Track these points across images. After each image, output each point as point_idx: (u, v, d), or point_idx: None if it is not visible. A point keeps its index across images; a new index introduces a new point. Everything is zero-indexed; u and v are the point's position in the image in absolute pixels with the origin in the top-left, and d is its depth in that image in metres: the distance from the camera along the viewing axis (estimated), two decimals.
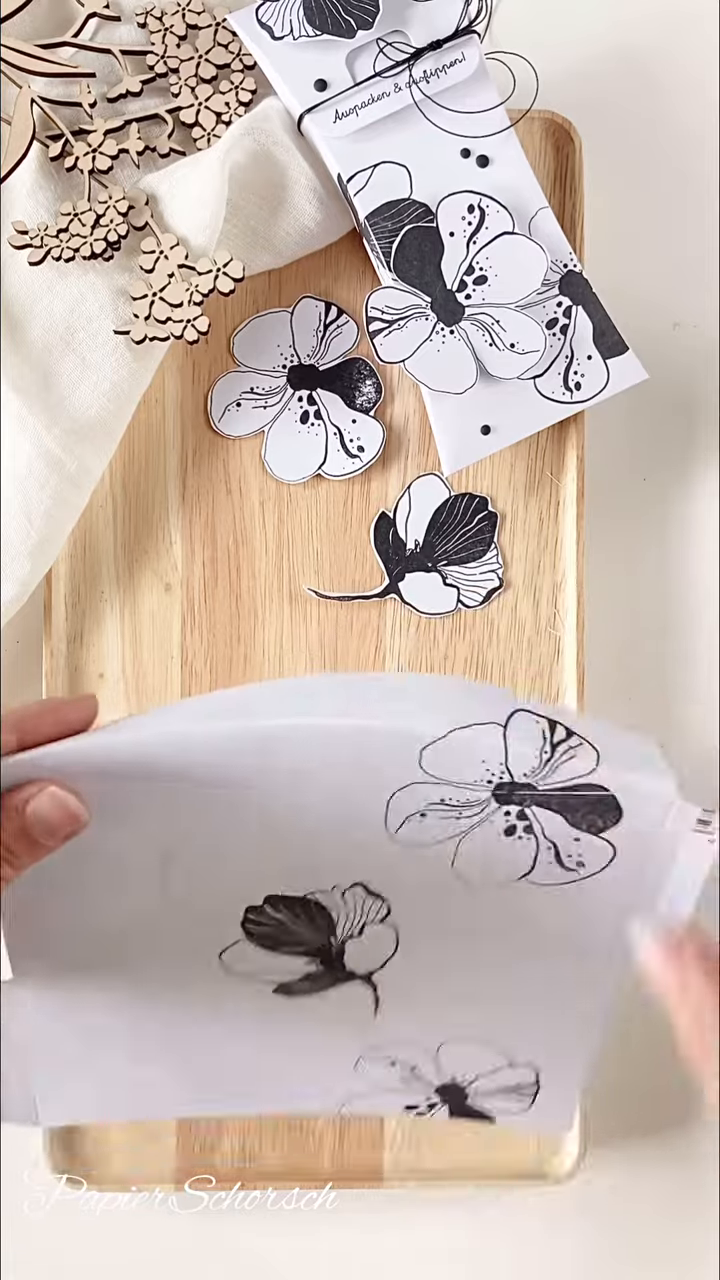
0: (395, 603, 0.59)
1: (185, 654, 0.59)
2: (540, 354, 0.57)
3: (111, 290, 0.56)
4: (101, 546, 0.59)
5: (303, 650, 0.59)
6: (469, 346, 0.56)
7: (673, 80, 0.64)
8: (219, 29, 0.57)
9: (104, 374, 0.56)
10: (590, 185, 0.61)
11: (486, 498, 0.60)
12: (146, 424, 0.59)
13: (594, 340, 0.57)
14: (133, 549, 0.59)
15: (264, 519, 0.59)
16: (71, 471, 0.56)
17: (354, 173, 0.56)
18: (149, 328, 0.55)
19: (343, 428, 0.59)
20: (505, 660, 0.60)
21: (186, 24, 0.57)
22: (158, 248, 0.55)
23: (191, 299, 0.55)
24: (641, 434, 0.63)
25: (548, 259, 0.57)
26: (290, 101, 0.56)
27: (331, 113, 0.56)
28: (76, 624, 0.59)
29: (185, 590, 0.59)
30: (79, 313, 0.56)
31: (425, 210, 0.56)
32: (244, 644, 0.59)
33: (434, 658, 0.59)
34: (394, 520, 0.60)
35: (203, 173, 0.55)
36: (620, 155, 0.63)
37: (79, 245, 0.55)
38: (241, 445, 0.59)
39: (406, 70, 0.56)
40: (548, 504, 0.60)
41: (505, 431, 0.57)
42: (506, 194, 0.56)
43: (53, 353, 0.56)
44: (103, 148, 0.56)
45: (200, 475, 0.59)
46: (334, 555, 0.60)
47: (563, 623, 0.60)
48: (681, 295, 0.64)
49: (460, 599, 0.60)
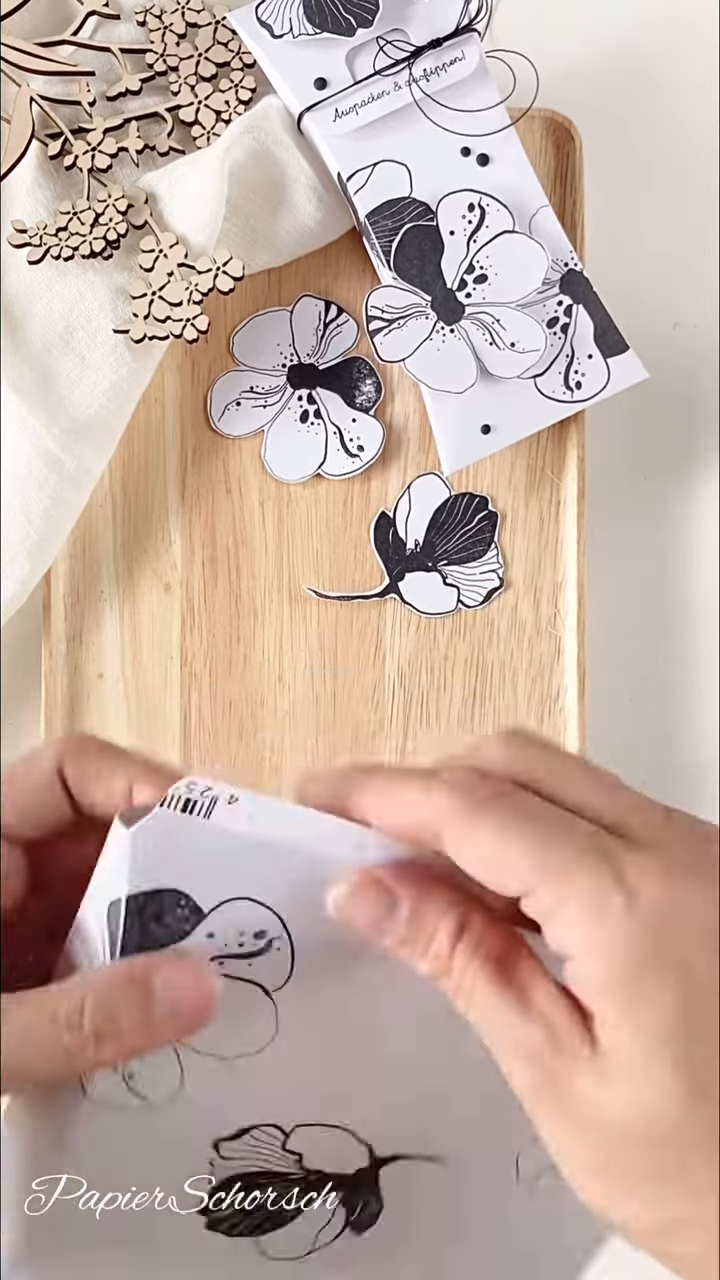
0: (395, 603, 0.59)
1: (185, 654, 0.59)
2: (540, 353, 0.56)
3: (111, 289, 0.56)
4: (101, 546, 0.59)
5: (303, 650, 0.59)
6: (469, 345, 0.56)
7: (673, 80, 0.64)
8: (218, 27, 0.57)
9: (103, 373, 0.56)
10: (591, 184, 0.60)
11: (486, 497, 0.60)
12: (146, 424, 0.59)
13: (594, 339, 0.57)
14: (132, 549, 0.59)
15: (264, 519, 0.59)
16: (71, 471, 0.55)
17: (354, 171, 0.56)
18: (148, 327, 0.55)
19: (343, 427, 0.59)
20: (505, 660, 0.59)
21: (186, 22, 0.57)
22: (157, 246, 0.55)
23: (191, 298, 0.55)
24: (641, 434, 0.63)
25: (548, 258, 0.56)
26: (290, 100, 0.56)
27: (331, 111, 0.55)
28: (76, 624, 0.59)
29: (185, 590, 0.59)
30: (78, 312, 0.56)
31: (425, 209, 0.56)
32: (244, 644, 0.59)
33: (434, 658, 0.59)
34: (394, 520, 0.59)
35: (202, 171, 0.55)
36: (620, 155, 0.63)
37: (78, 244, 0.55)
38: (241, 445, 0.59)
39: (406, 68, 0.56)
40: (548, 504, 0.60)
41: (505, 431, 0.57)
42: (507, 193, 0.56)
43: (52, 352, 0.56)
44: (102, 146, 0.56)
45: (200, 475, 0.59)
46: (334, 555, 0.59)
47: (563, 623, 0.60)
48: (681, 295, 0.64)
49: (460, 599, 0.59)
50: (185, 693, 0.59)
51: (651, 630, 0.63)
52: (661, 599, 0.63)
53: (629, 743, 0.63)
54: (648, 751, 0.63)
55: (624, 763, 0.62)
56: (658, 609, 0.63)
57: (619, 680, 0.63)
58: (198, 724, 0.59)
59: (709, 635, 0.63)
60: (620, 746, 0.62)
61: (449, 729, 0.59)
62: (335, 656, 0.59)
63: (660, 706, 0.63)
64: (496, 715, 0.59)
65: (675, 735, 0.63)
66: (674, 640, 0.63)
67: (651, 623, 0.63)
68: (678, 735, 0.63)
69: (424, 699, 0.59)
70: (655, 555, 0.63)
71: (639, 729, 0.63)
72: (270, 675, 0.59)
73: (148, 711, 0.59)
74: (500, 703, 0.59)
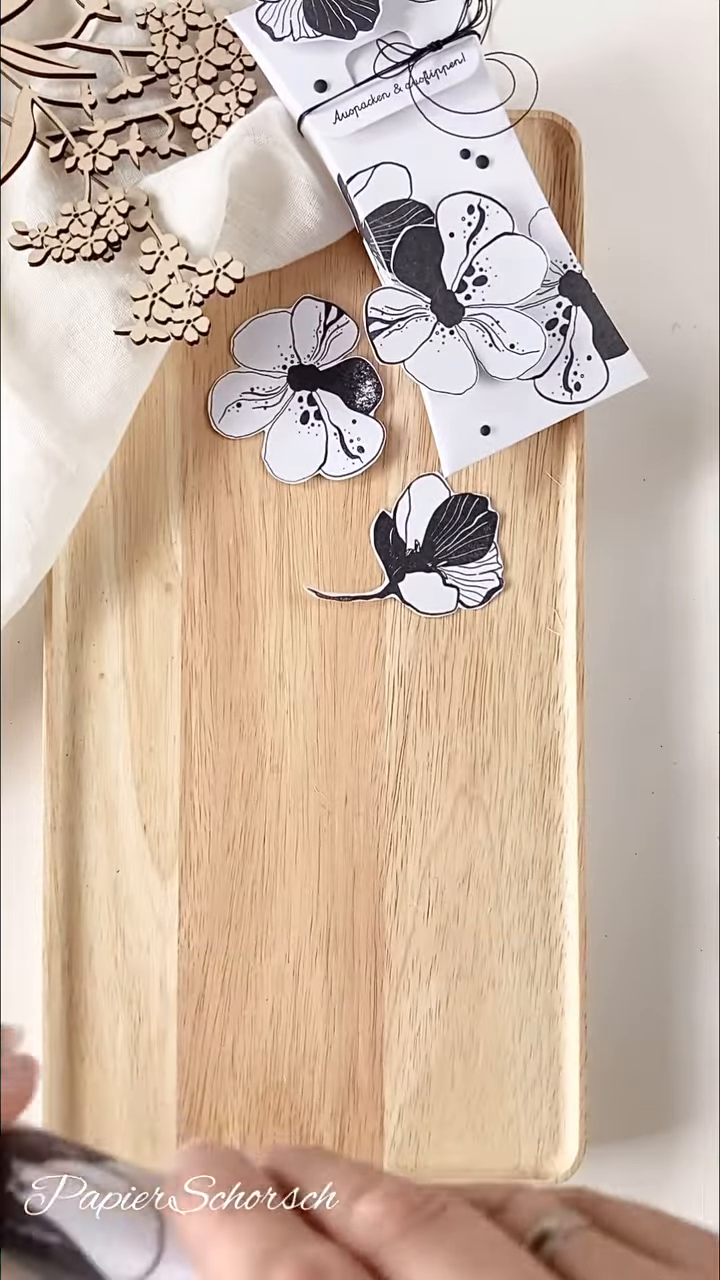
0: (395, 603, 0.60)
1: (185, 654, 0.59)
2: (540, 354, 0.57)
3: (112, 291, 0.56)
4: (101, 546, 0.59)
5: (303, 650, 0.59)
6: (469, 347, 0.56)
7: (673, 81, 0.64)
8: (219, 30, 0.57)
9: (104, 374, 0.56)
10: (590, 185, 0.61)
11: (486, 498, 0.60)
12: (146, 424, 0.59)
13: (594, 340, 0.57)
14: (133, 549, 0.59)
15: (264, 519, 0.59)
16: (71, 472, 0.56)
17: (354, 173, 0.56)
18: (149, 328, 0.55)
19: (343, 428, 0.59)
20: (505, 660, 0.60)
21: (187, 25, 0.57)
22: (158, 248, 0.56)
23: (192, 299, 0.55)
24: (641, 434, 0.63)
25: (547, 259, 0.57)
26: (290, 102, 0.56)
27: (331, 113, 0.56)
28: (77, 624, 0.59)
29: (185, 590, 0.59)
30: (79, 313, 0.56)
31: (425, 211, 0.56)
32: (244, 644, 0.59)
33: (434, 658, 0.59)
34: (394, 520, 0.60)
35: (203, 173, 0.55)
36: (620, 155, 0.64)
37: (79, 246, 0.55)
38: (241, 445, 0.59)
39: (406, 71, 0.56)
40: (548, 504, 0.60)
41: (505, 432, 0.58)
42: (506, 194, 0.56)
43: (53, 353, 0.56)
44: (103, 148, 0.56)
45: (200, 475, 0.59)
46: (334, 555, 0.60)
47: (563, 623, 0.60)
48: (681, 295, 0.64)
49: (460, 599, 0.60)
50: (186, 692, 0.59)
51: (651, 630, 0.63)
52: (661, 599, 0.63)
53: (629, 743, 0.63)
54: (648, 751, 0.63)
55: (624, 763, 0.63)
56: (658, 609, 0.63)
57: (619, 680, 0.63)
58: (198, 724, 0.59)
59: (709, 635, 0.63)
60: (620, 746, 0.63)
61: (449, 729, 0.59)
62: (335, 656, 0.59)
63: (660, 706, 0.63)
64: (496, 715, 0.59)
65: (675, 735, 0.63)
66: (674, 640, 0.63)
67: (651, 623, 0.63)
68: (678, 735, 0.63)
69: (424, 699, 0.59)
70: (655, 555, 0.63)
71: (639, 729, 0.63)
72: (270, 675, 0.59)
73: (148, 711, 0.59)
74: (500, 702, 0.59)
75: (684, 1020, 0.63)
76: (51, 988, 0.58)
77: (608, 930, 0.62)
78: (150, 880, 0.59)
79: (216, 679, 0.59)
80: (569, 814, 0.59)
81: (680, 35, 0.64)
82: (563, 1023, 0.59)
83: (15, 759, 0.61)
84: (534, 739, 0.60)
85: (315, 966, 0.59)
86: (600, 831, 0.61)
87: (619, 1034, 0.62)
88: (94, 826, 0.59)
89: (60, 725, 0.58)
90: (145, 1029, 0.58)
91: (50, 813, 0.58)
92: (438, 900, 0.59)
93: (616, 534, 0.63)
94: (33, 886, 0.59)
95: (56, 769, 0.58)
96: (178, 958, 0.59)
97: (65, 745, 0.59)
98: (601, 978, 0.61)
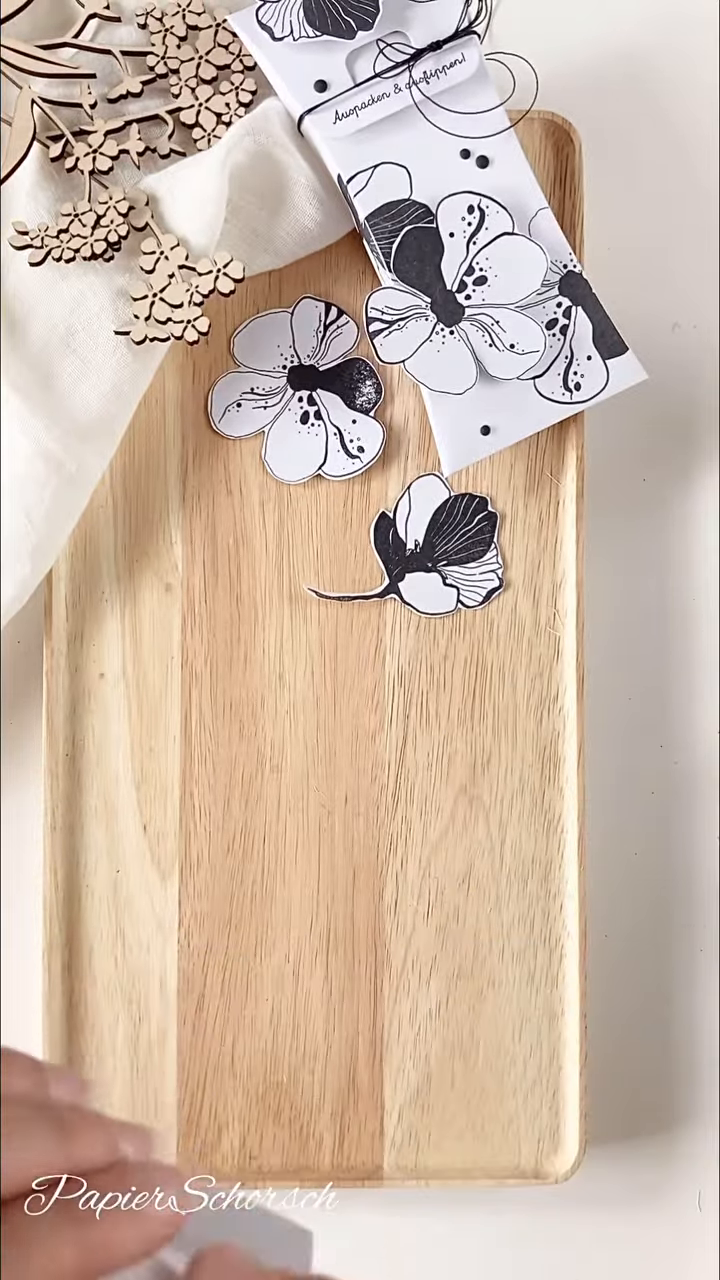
0: (395, 603, 0.60)
1: (185, 654, 0.59)
2: (540, 354, 0.57)
3: (112, 291, 0.56)
4: (101, 546, 0.59)
5: (303, 650, 0.59)
6: (469, 347, 0.56)
7: (673, 80, 0.64)
8: (219, 30, 0.57)
9: (104, 374, 0.56)
10: (590, 185, 0.61)
11: (486, 498, 0.60)
12: (146, 424, 0.59)
13: (594, 340, 0.57)
14: (133, 549, 0.59)
15: (264, 519, 0.59)
16: (71, 472, 0.56)
17: (354, 173, 0.56)
18: (149, 328, 0.55)
19: (343, 428, 0.59)
20: (505, 660, 0.60)
21: (187, 25, 0.57)
22: (158, 248, 0.56)
23: (192, 299, 0.55)
24: (641, 434, 0.63)
25: (547, 259, 0.57)
26: (290, 102, 0.56)
27: (331, 113, 0.56)
28: (77, 624, 0.59)
29: (185, 590, 0.59)
30: (79, 313, 0.56)
31: (425, 211, 0.56)
32: (244, 644, 0.59)
33: (434, 658, 0.59)
34: (394, 520, 0.60)
35: (203, 173, 0.55)
36: (620, 155, 0.64)
37: (79, 246, 0.55)
38: (241, 445, 0.59)
39: (406, 71, 0.56)
40: (548, 504, 0.60)
41: (505, 432, 0.58)
42: (506, 194, 0.56)
43: (53, 353, 0.56)
44: (103, 148, 0.56)
45: (200, 475, 0.59)
46: (334, 555, 0.60)
47: (563, 623, 0.60)
48: (681, 295, 0.64)
49: (460, 599, 0.60)
50: (186, 692, 0.59)
51: (651, 630, 0.63)
52: (661, 599, 0.63)
53: (629, 743, 0.63)
54: (648, 751, 0.63)
55: (624, 763, 0.63)
56: (658, 609, 0.63)
57: (619, 680, 0.63)
58: (198, 724, 0.59)
59: (709, 635, 0.63)
60: (620, 746, 0.63)
61: (449, 729, 0.59)
62: (335, 656, 0.59)
63: (660, 706, 0.63)
64: (496, 715, 0.59)
65: (675, 735, 0.63)
66: (674, 640, 0.63)
67: (651, 623, 0.63)
68: (678, 735, 0.63)
69: (424, 699, 0.59)
70: (655, 555, 0.63)
71: (639, 729, 0.63)
72: (270, 675, 0.59)
73: (148, 711, 0.59)
74: (500, 702, 0.59)
75: (684, 1020, 0.63)
76: (51, 988, 0.58)
77: (608, 930, 0.62)
78: (150, 880, 0.59)
79: (216, 679, 0.59)
80: (569, 814, 0.59)
81: (680, 35, 0.64)
82: (563, 1023, 0.59)
83: (15, 759, 0.61)
84: (534, 739, 0.60)
85: (315, 966, 0.59)
86: (600, 831, 0.61)
87: (619, 1034, 0.62)
88: (94, 826, 0.59)
89: (60, 725, 0.58)
90: (145, 1029, 0.58)
91: (50, 813, 0.58)
92: (438, 900, 0.59)
93: (616, 534, 0.63)
94: (33, 886, 0.59)
95: (56, 769, 0.58)
96: (178, 958, 0.59)
97: (65, 745, 0.59)
98: (601, 978, 0.61)
